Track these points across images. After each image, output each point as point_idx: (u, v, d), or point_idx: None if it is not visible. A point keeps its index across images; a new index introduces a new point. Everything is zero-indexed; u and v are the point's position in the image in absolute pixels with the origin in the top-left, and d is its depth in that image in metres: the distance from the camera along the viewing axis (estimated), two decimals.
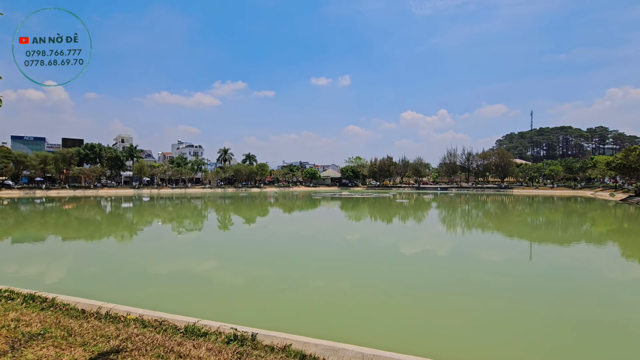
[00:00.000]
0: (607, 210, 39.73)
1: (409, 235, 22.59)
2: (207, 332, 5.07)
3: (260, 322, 6.94)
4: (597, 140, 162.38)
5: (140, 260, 14.99)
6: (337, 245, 18.70)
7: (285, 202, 54.03)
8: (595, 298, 10.03)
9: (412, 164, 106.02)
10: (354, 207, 43.68)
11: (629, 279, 12.30)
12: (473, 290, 10.39)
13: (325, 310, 8.52)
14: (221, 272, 12.58)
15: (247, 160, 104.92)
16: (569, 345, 6.95)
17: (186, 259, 14.76)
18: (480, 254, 16.67)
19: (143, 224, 28.35)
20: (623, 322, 8.03)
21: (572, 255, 16.44)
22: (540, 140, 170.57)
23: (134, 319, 5.58)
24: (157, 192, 78.08)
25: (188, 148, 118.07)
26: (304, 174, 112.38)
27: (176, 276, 11.86)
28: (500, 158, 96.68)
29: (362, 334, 7.11)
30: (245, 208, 44.37)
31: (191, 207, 45.40)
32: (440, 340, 6.94)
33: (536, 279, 11.79)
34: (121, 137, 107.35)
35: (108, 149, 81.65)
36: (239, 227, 27.00)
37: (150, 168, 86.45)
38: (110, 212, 39.56)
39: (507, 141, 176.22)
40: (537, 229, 26.12)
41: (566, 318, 8.22)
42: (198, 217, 34.25)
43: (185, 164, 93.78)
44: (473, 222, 30.66)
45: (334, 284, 10.85)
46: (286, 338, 4.88)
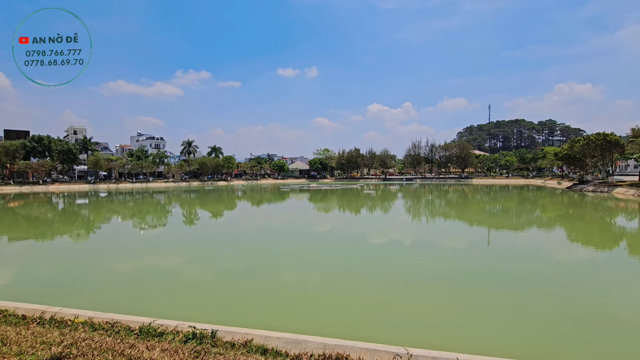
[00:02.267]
0: (554, 198, 42.93)
1: (376, 226, 23.07)
2: (163, 332, 4.82)
3: (224, 319, 6.74)
4: (547, 133, 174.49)
5: (96, 260, 14.09)
6: (307, 237, 18.69)
7: (253, 195, 53.18)
8: (544, 278, 10.77)
9: (379, 156, 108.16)
10: (323, 199, 43.89)
11: (574, 260, 13.34)
12: (437, 278, 10.79)
13: (294, 304, 8.46)
14: (185, 270, 12.12)
15: (212, 152, 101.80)
16: (523, 322, 7.41)
17: (147, 257, 14.08)
18: (443, 242, 17.38)
19: (100, 221, 26.70)
20: (568, 297, 8.69)
21: (526, 239, 17.59)
22: (497, 132, 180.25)
23: (82, 322, 5.19)
24: (116, 187, 73.84)
25: (149, 140, 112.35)
26: (272, 167, 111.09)
27: (136, 275, 11.27)
28: (461, 150, 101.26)
29: (330, 325, 7.14)
30: (212, 202, 43.15)
31: (154, 202, 43.41)
32: (405, 328, 7.12)
33: (494, 263, 12.47)
34: (73, 128, 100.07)
35: (59, 142, 75.66)
36: (206, 221, 26.21)
37: (107, 162, 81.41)
38: (63, 209, 36.88)
39: (467, 133, 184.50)
40: (494, 216, 27.66)
41: (522, 297, 8.77)
42: (161, 212, 32.82)
43: (146, 157, 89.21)
44: (436, 211, 31.90)
45: (303, 277, 10.82)
46: (247, 333, 4.75)
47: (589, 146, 52.52)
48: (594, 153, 52.99)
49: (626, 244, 16.49)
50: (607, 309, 8.17)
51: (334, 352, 4.29)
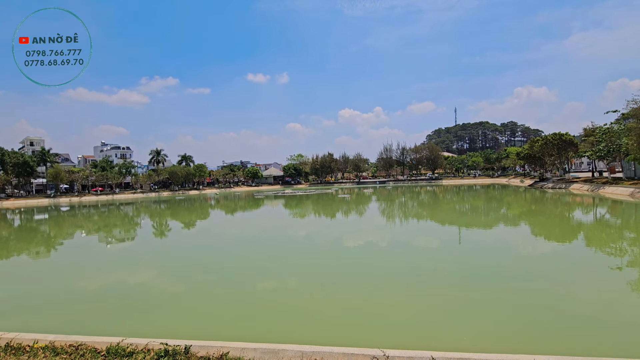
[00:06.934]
0: (518, 195, 45.25)
1: (352, 229, 23.26)
2: (133, 351, 4.60)
3: (199, 333, 6.54)
4: (509, 134, 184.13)
5: (57, 279, 13.23)
6: (282, 244, 18.52)
7: (227, 204, 52.10)
8: (514, 272, 11.30)
9: (352, 160, 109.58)
10: (298, 205, 43.73)
11: (538, 254, 14.09)
12: (412, 278, 11.02)
13: (271, 312, 8.33)
14: (156, 284, 11.63)
15: (183, 161, 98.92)
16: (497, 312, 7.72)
17: (115, 273, 13.38)
18: (417, 242, 17.81)
19: (62, 237, 25.13)
20: (533, 289, 9.15)
21: (493, 236, 18.39)
22: (463, 134, 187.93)
23: (42, 347, 4.85)
24: (78, 200, 69.95)
25: (114, 150, 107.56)
26: (245, 174, 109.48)
27: (102, 293, 10.67)
28: (431, 152, 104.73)
29: (309, 331, 7.10)
30: (184, 212, 41.83)
31: (121, 214, 41.46)
32: (382, 330, 7.20)
33: (466, 261, 12.93)
34: (30, 139, 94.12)
35: (13, 154, 70.64)
36: (177, 232, 25.34)
37: (68, 174, 76.93)
38: (20, 225, 34.39)
39: (436, 136, 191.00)
40: (464, 215, 28.72)
41: (494, 292, 9.13)
42: (129, 224, 31.38)
43: (112, 167, 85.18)
44: (409, 212, 32.67)
45: (279, 284, 10.68)
46: (222, 347, 4.63)
47: (547, 146, 55.93)
48: (552, 152, 56.46)
49: (584, 236, 17.64)
50: (571, 297, 8.68)
51: (312, 359, 4.27)
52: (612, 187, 39.14)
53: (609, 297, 8.68)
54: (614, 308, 8.04)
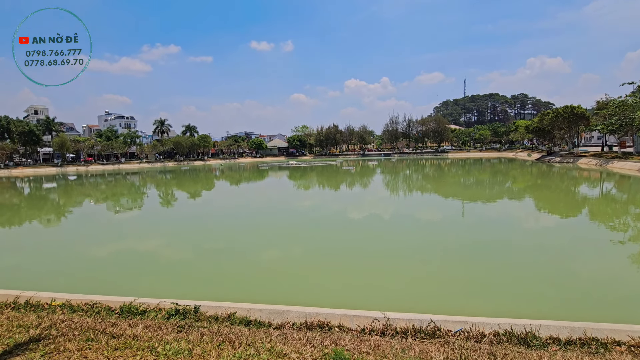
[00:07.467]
0: (525, 169, 44.88)
1: (356, 201, 23.46)
2: (145, 309, 4.83)
3: (207, 296, 6.80)
4: (519, 106, 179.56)
5: (70, 244, 13.68)
6: (287, 214, 18.80)
7: (232, 174, 52.46)
8: (517, 245, 11.45)
9: (357, 132, 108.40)
10: (302, 176, 43.91)
11: (540, 227, 14.19)
12: (414, 249, 11.24)
13: (276, 278, 8.61)
14: (165, 250, 12.00)
15: (187, 131, 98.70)
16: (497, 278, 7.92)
17: (125, 239, 13.79)
18: (421, 214, 17.97)
19: (72, 205, 25.71)
20: (535, 261, 9.31)
21: (497, 210, 18.47)
22: (472, 106, 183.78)
23: (60, 305, 5.10)
24: (85, 169, 70.77)
25: (118, 120, 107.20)
26: (249, 145, 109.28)
27: (114, 258, 11.07)
28: (437, 124, 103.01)
29: (312, 297, 7.36)
30: (189, 182, 42.29)
31: (128, 183, 42.05)
32: (384, 297, 7.45)
33: (468, 234, 13.09)
34: (34, 108, 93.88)
35: (19, 122, 70.89)
36: (184, 202, 25.77)
37: (74, 143, 77.44)
38: (30, 193, 35.14)
39: (444, 108, 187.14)
40: (468, 188, 28.71)
41: (497, 263, 9.32)
42: (137, 194, 31.91)
43: (117, 137, 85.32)
44: (414, 185, 32.71)
45: (285, 253, 10.97)
46: (230, 307, 4.84)
47: (557, 119, 54.64)
48: (562, 125, 55.27)
49: (588, 211, 17.64)
50: (572, 270, 8.83)
51: (315, 319, 4.47)
52: (621, 161, 38.56)
53: (611, 271, 8.81)
54: (615, 280, 8.20)
